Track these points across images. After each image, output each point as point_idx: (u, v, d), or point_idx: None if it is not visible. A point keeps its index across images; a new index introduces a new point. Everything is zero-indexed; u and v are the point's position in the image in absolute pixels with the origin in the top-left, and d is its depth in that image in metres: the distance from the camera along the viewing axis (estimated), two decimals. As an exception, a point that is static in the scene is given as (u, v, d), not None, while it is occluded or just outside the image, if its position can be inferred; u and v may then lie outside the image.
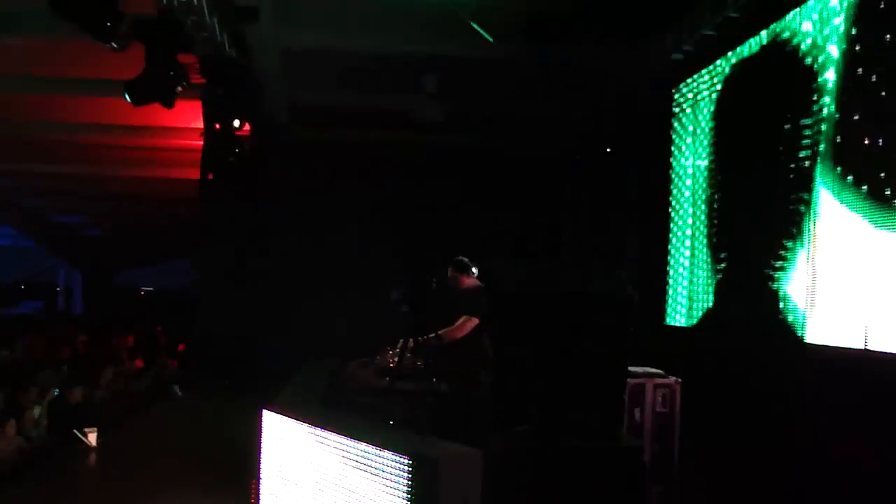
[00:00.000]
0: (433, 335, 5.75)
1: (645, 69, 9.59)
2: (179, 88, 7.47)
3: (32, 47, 9.23)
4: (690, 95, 9.06)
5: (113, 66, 7.85)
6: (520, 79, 10.78)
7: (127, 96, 7.26)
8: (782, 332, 6.86)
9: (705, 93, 8.61)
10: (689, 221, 9.02)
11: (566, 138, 12.82)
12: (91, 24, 6.34)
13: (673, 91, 9.49)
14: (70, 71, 10.32)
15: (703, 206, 8.70)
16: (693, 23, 8.13)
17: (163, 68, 7.25)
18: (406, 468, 3.51)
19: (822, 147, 6.26)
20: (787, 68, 6.90)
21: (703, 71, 8.61)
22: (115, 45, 6.46)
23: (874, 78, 5.62)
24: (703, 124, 8.68)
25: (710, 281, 8.41)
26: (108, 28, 6.30)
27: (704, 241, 8.61)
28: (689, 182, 9.10)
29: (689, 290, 8.91)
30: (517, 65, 10.14)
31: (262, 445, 4.53)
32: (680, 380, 6.28)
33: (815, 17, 6.47)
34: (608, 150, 11.36)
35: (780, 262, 6.78)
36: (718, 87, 8.29)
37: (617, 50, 9.59)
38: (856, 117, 5.85)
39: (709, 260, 8.44)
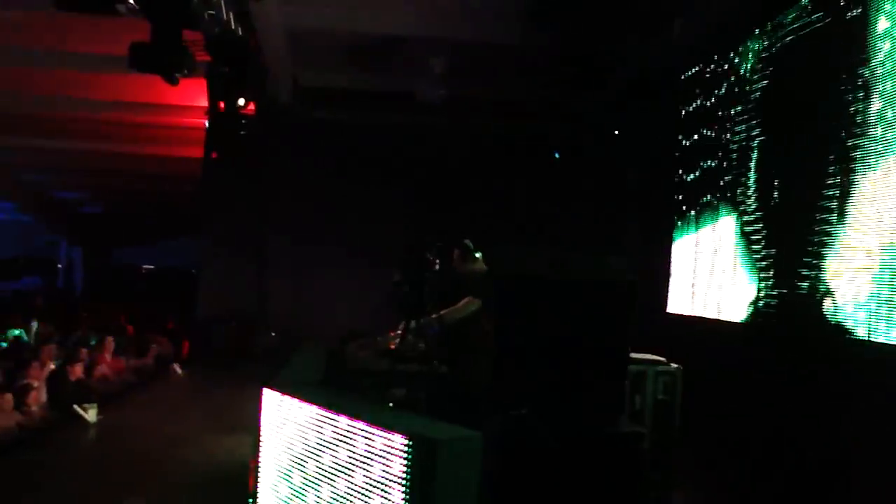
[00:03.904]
0: (434, 316, 5.74)
1: (652, 53, 9.54)
2: (186, 71, 7.39)
3: (35, 20, 9.17)
4: (701, 80, 9.00)
5: (117, 42, 7.80)
6: (525, 63, 10.73)
7: (129, 59, 7.18)
8: (785, 321, 6.86)
9: (722, 76, 8.54)
10: (696, 206, 8.99)
11: (570, 122, 12.78)
12: (96, 4, 6.29)
13: (684, 75, 9.43)
14: (74, 45, 10.26)
15: (716, 193, 8.67)
16: (702, 7, 8.06)
17: (167, 45, 7.18)
18: (405, 449, 3.50)
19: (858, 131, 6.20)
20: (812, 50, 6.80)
21: (719, 53, 8.54)
22: (123, 9, 6.36)
23: None
24: (722, 107, 8.59)
25: (717, 269, 8.39)
26: None
27: (716, 228, 8.59)
28: (695, 167, 9.07)
29: (693, 278, 8.90)
30: (523, 48, 10.09)
31: (262, 424, 4.53)
32: (681, 367, 6.27)
33: None
34: (615, 132, 11.32)
35: (815, 251, 6.73)
36: (732, 71, 8.23)
37: (624, 35, 9.53)
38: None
39: (728, 247, 8.42)
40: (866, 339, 5.61)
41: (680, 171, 9.43)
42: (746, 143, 7.80)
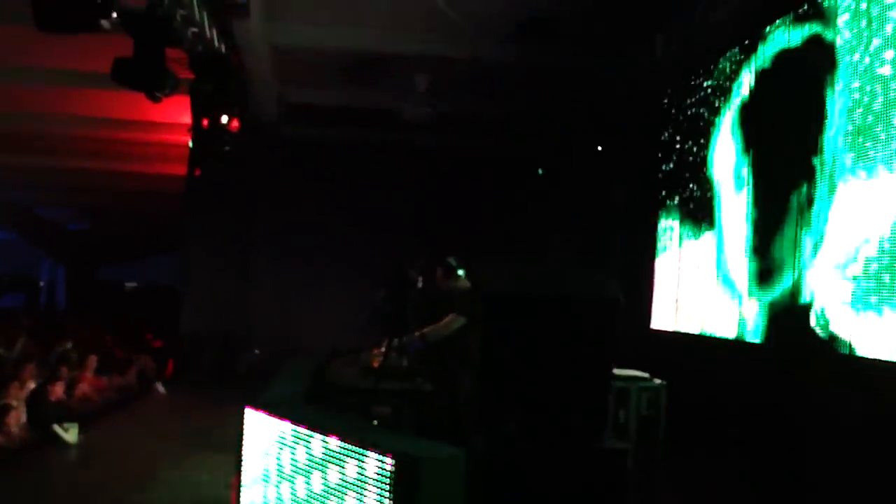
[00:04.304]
0: (417, 334, 5.73)
1: (635, 71, 9.61)
2: (167, 91, 7.36)
3: (16, 37, 9.13)
4: (683, 97, 9.07)
5: (101, 59, 7.78)
6: (509, 80, 10.79)
7: (112, 73, 7.15)
8: (768, 336, 6.88)
9: (699, 94, 8.62)
10: (679, 222, 9.04)
11: (555, 139, 12.85)
12: (80, 24, 6.26)
13: (666, 93, 9.49)
14: (57, 62, 10.23)
15: (698, 209, 8.73)
16: (684, 26, 8.14)
17: (149, 63, 7.17)
18: (389, 468, 3.48)
19: (829, 150, 6.27)
20: (789, 70, 6.88)
21: (699, 72, 8.62)
22: (107, 25, 6.31)
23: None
24: (702, 123, 8.65)
25: (699, 284, 8.43)
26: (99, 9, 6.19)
27: (699, 244, 8.63)
28: (677, 185, 9.13)
29: (676, 294, 8.93)
30: (507, 66, 10.15)
31: (245, 443, 4.49)
32: (665, 383, 6.29)
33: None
34: (599, 147, 11.37)
35: (796, 266, 6.77)
36: (713, 89, 8.30)
37: (607, 52, 9.61)
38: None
39: (704, 264, 8.46)
40: (850, 353, 5.63)
41: (663, 187, 9.49)
42: (726, 160, 7.87)
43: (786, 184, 6.68)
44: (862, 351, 5.50)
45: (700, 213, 8.41)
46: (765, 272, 6.97)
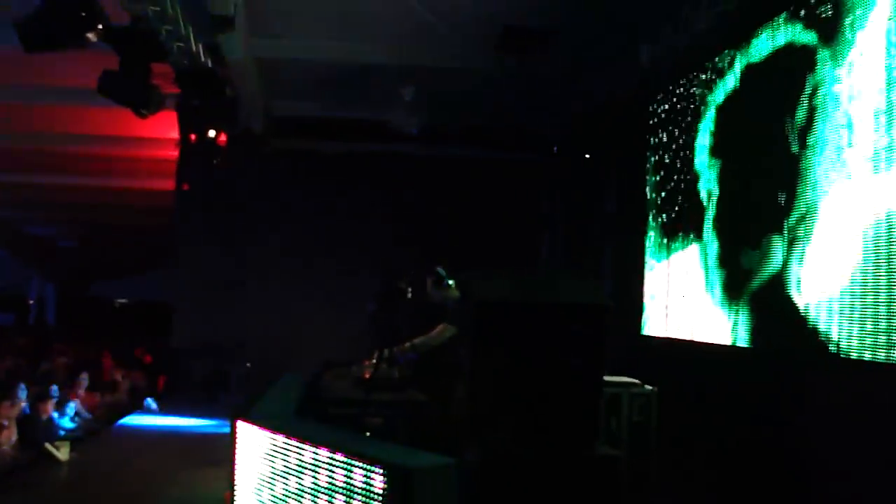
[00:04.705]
0: (408, 344, 5.74)
1: (620, 81, 9.66)
2: (152, 108, 7.37)
3: (3, 56, 9.13)
4: (668, 106, 9.12)
5: (87, 75, 7.79)
6: (496, 89, 10.83)
7: (98, 86, 7.16)
8: (757, 340, 6.91)
9: (684, 102, 8.67)
10: (667, 230, 9.08)
11: (544, 149, 12.89)
12: (66, 40, 6.28)
13: (650, 103, 9.55)
14: (43, 80, 10.22)
15: (682, 215, 8.76)
16: (669, 35, 8.19)
17: (135, 79, 7.18)
18: (381, 479, 3.48)
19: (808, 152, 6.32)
20: (767, 78, 6.95)
21: (681, 82, 8.69)
22: (93, 38, 6.31)
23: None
24: (685, 131, 8.71)
25: (688, 289, 8.46)
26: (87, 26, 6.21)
27: (685, 251, 8.66)
28: (665, 193, 9.17)
29: (667, 300, 8.95)
30: (492, 75, 10.19)
31: (237, 457, 4.48)
32: (656, 389, 6.30)
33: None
34: (587, 156, 11.42)
35: (782, 270, 6.80)
36: (697, 97, 8.36)
37: (592, 61, 9.66)
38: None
39: (688, 269, 8.49)
40: (838, 354, 5.67)
41: (651, 195, 9.53)
42: (710, 168, 7.92)
43: (767, 189, 6.73)
44: (849, 352, 5.53)
45: (687, 219, 8.45)
46: (749, 277, 7.00)
